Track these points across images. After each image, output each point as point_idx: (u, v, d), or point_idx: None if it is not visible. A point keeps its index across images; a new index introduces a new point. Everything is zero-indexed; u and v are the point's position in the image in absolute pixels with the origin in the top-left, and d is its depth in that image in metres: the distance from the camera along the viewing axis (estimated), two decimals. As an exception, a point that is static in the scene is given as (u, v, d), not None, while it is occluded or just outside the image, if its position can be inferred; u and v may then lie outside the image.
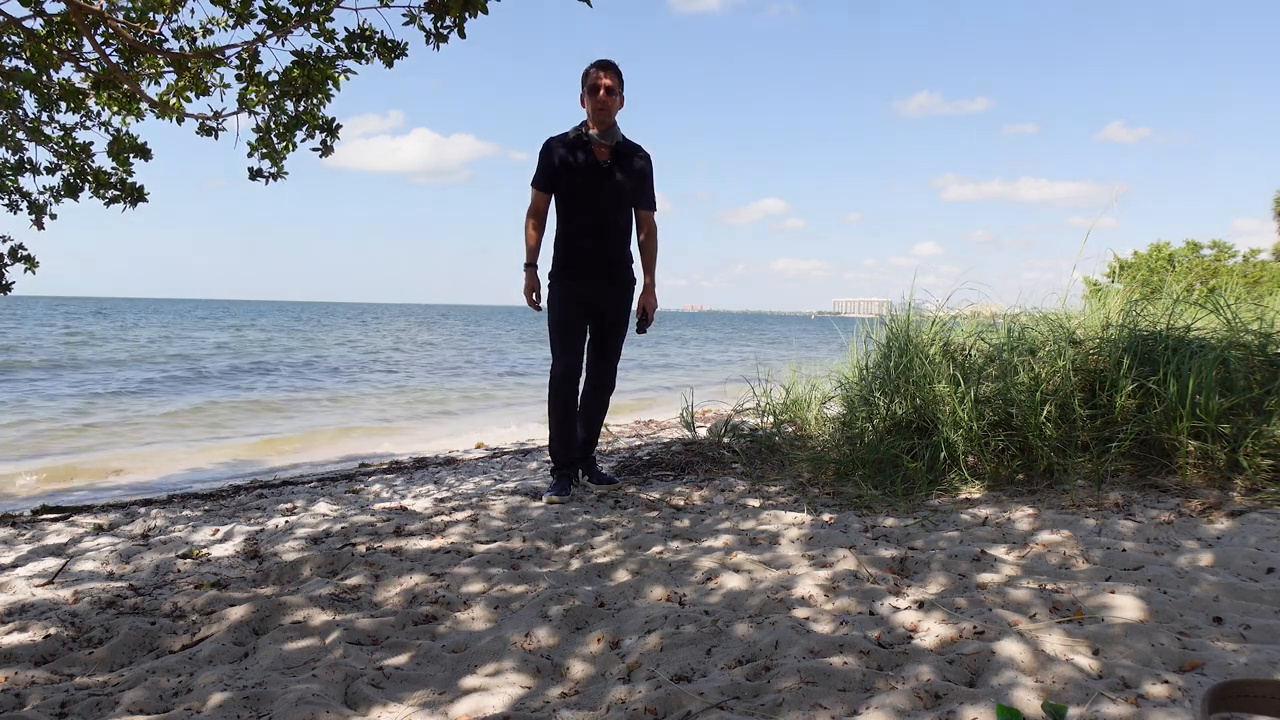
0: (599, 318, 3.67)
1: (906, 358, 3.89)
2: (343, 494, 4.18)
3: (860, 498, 3.27)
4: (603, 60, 3.55)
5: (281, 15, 3.20)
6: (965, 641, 1.74)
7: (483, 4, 3.09)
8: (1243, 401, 3.17)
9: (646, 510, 3.28)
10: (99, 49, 3.15)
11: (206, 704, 1.58)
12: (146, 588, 2.45)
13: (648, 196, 3.74)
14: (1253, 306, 4.68)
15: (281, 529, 3.20)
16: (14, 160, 3.93)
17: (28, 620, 2.10)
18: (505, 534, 2.91)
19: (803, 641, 1.74)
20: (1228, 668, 1.53)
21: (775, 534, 2.75)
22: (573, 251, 3.60)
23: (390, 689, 1.69)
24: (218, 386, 12.40)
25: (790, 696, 1.49)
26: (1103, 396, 3.41)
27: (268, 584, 2.49)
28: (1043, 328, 4.03)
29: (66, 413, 9.01)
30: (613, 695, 1.58)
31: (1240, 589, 1.96)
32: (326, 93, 3.64)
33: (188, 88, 3.68)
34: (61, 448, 6.97)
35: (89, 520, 3.64)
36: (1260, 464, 2.99)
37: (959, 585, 2.13)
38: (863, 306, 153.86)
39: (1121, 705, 1.40)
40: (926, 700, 1.47)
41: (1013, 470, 3.34)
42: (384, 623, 2.04)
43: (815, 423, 4.68)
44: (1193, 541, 2.39)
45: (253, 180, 3.89)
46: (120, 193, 3.97)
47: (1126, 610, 1.85)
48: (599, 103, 3.52)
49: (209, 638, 1.99)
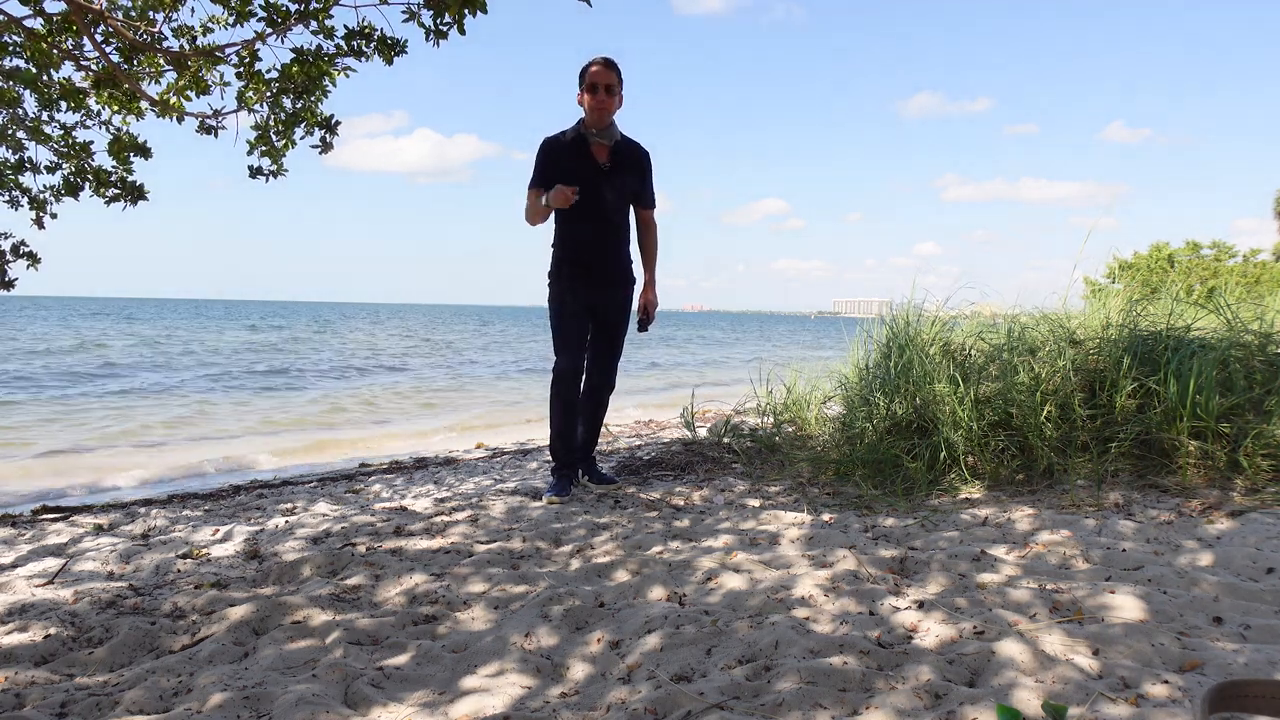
0: (599, 318, 3.66)
1: (906, 357, 3.89)
2: (343, 494, 4.18)
3: (860, 498, 3.27)
4: (601, 57, 3.46)
5: (281, 13, 3.21)
6: (965, 641, 1.74)
7: (482, 2, 3.10)
8: (1243, 401, 3.17)
9: (646, 510, 3.28)
10: (99, 48, 3.15)
11: (206, 704, 1.58)
12: (146, 588, 2.45)
13: (647, 195, 3.71)
14: (1253, 306, 4.67)
15: (281, 529, 3.20)
16: (14, 159, 3.93)
17: (28, 620, 2.10)
18: (505, 534, 2.91)
19: (803, 641, 1.74)
20: (1228, 668, 1.53)
21: (775, 534, 2.75)
22: (572, 252, 3.58)
23: (390, 689, 1.69)
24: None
25: (790, 696, 1.49)
26: (1103, 396, 3.41)
27: (268, 584, 2.49)
28: (1043, 328, 4.03)
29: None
30: (613, 695, 1.58)
31: (1240, 589, 1.96)
32: (324, 89, 3.64)
33: (188, 86, 3.68)
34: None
35: (89, 520, 3.64)
36: (1260, 464, 2.99)
37: (959, 585, 2.13)
38: (863, 306, 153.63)
39: (1121, 705, 1.40)
40: (926, 700, 1.47)
41: (1013, 470, 3.33)
42: (384, 623, 2.04)
43: (815, 423, 4.68)
44: (1193, 541, 2.39)
45: (253, 178, 3.89)
46: (120, 191, 3.97)
47: (1126, 610, 1.85)
48: (598, 101, 3.44)
49: (209, 638, 1.99)
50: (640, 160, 3.64)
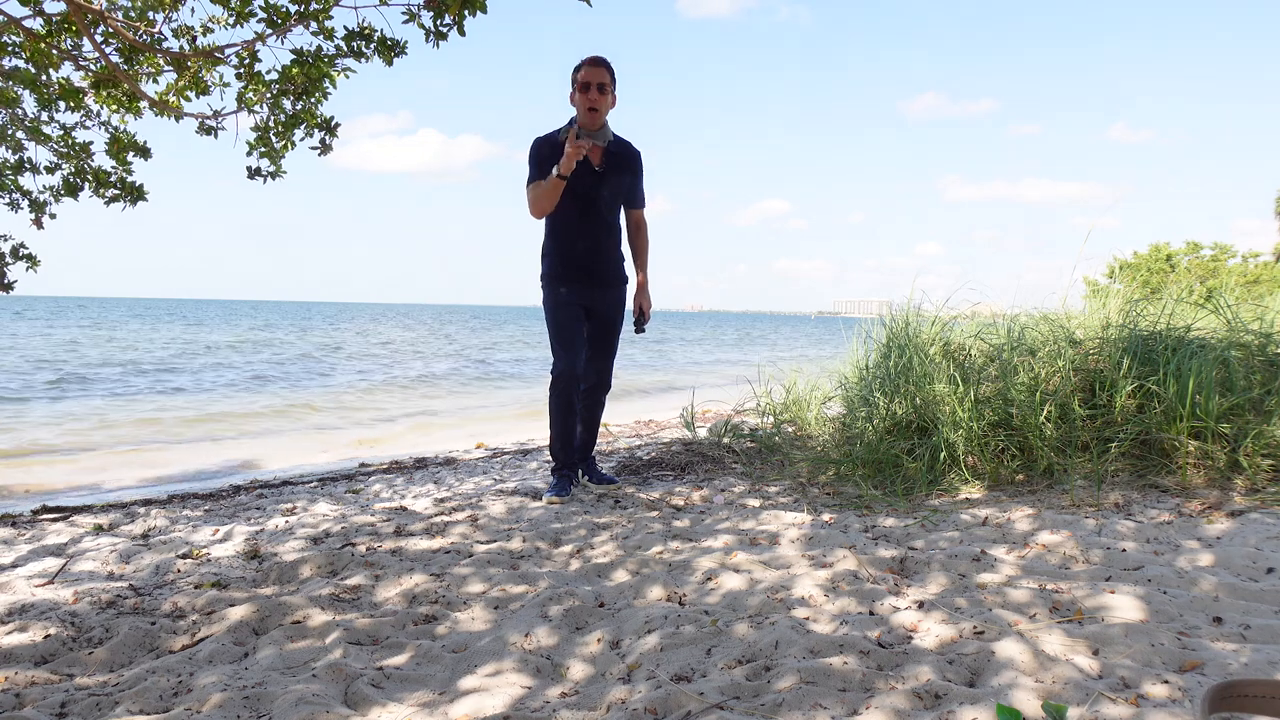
0: (594, 318, 3.65)
1: (906, 358, 3.89)
2: (343, 494, 4.18)
3: (860, 498, 3.27)
4: (593, 56, 3.39)
5: (281, 14, 3.21)
6: (965, 641, 1.74)
7: (482, 3, 3.09)
8: (1243, 401, 3.17)
9: (646, 510, 3.28)
10: (98, 48, 3.15)
11: (206, 704, 1.58)
12: (146, 588, 2.45)
13: (638, 196, 3.69)
14: (1253, 306, 4.68)
15: (281, 529, 3.20)
16: (14, 160, 3.93)
17: (28, 620, 2.10)
18: (505, 534, 2.91)
19: (802, 641, 1.74)
20: (1228, 668, 1.53)
21: (775, 534, 2.75)
22: (565, 254, 3.56)
23: (390, 689, 1.69)
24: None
25: (790, 696, 1.49)
26: (1103, 396, 3.41)
27: (268, 584, 2.49)
28: (1043, 328, 4.03)
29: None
30: (612, 695, 1.58)
31: (1240, 589, 1.96)
32: (324, 90, 3.64)
33: (188, 87, 3.68)
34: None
35: (89, 520, 3.64)
36: (1260, 464, 2.99)
37: (959, 585, 2.13)
38: (863, 306, 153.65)
39: (1121, 705, 1.40)
40: (926, 700, 1.47)
41: (1012, 470, 3.33)
42: (384, 623, 2.04)
43: (815, 423, 4.68)
44: (1193, 541, 2.39)
45: (251, 179, 3.89)
46: (120, 192, 3.97)
47: (1126, 610, 1.85)
48: (590, 101, 3.38)
49: (209, 638, 1.99)
50: (633, 161, 3.60)
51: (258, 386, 12.54)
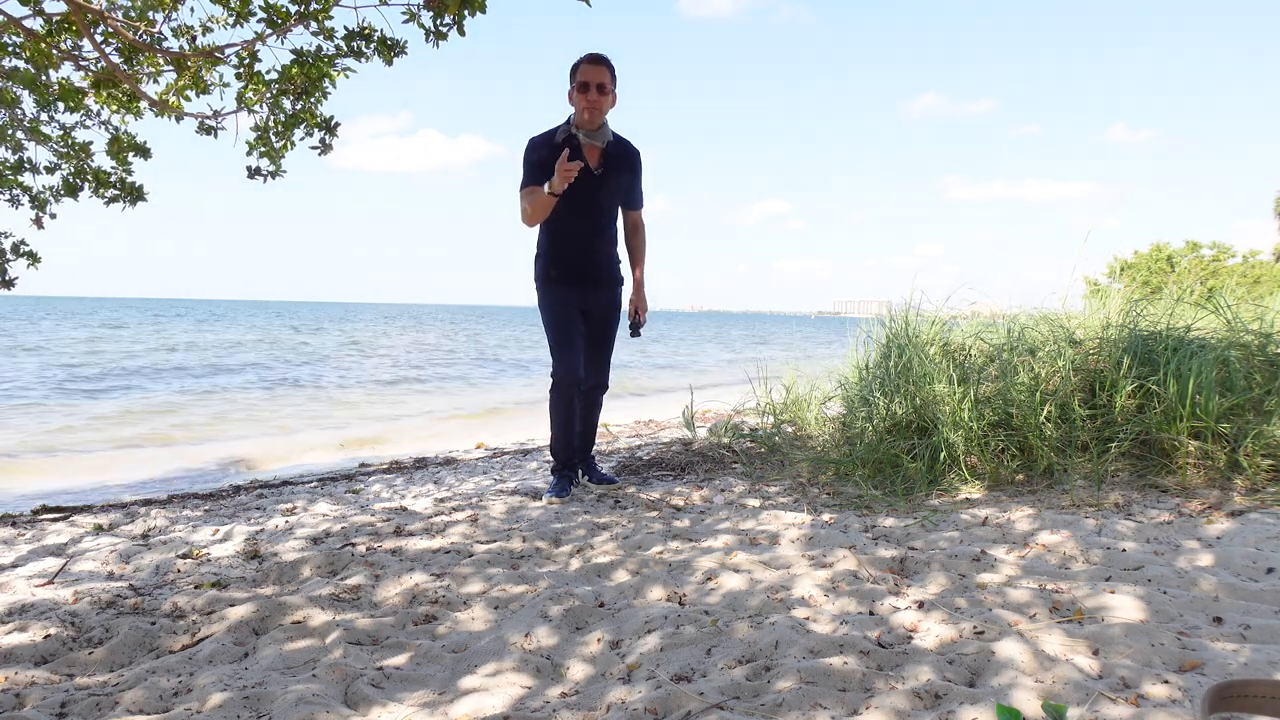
0: (590, 320, 3.62)
1: (906, 357, 3.89)
2: (343, 494, 4.18)
3: (860, 498, 3.27)
4: (593, 54, 3.33)
5: (281, 14, 3.21)
6: (965, 642, 1.74)
7: (481, 3, 3.10)
8: (1243, 401, 3.17)
9: (646, 510, 3.28)
10: (98, 48, 3.15)
11: (206, 704, 1.58)
12: (146, 588, 2.45)
13: (637, 196, 3.65)
14: (1253, 306, 4.67)
15: (281, 529, 3.20)
16: (14, 160, 3.93)
17: (28, 620, 2.10)
18: (505, 534, 2.91)
19: (803, 641, 1.74)
20: (1228, 668, 1.53)
21: (775, 534, 2.75)
22: (561, 256, 3.53)
23: (390, 689, 1.69)
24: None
25: (790, 696, 1.49)
26: (1103, 396, 3.41)
27: (268, 584, 2.49)
28: (1043, 328, 4.03)
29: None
30: (612, 695, 1.58)
31: (1240, 589, 1.96)
32: (324, 90, 3.64)
33: (187, 86, 3.68)
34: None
35: (89, 520, 3.64)
36: (1260, 464, 2.99)
37: (959, 585, 2.13)
38: (863, 306, 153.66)
39: (1121, 705, 1.40)
40: (926, 700, 1.47)
41: (1013, 470, 3.33)
42: (384, 623, 2.04)
43: (815, 423, 4.68)
44: (1193, 541, 2.39)
45: (251, 179, 3.89)
46: (120, 192, 3.98)
47: (1126, 610, 1.85)
48: (590, 100, 3.32)
49: (209, 638, 1.99)
50: (632, 161, 3.55)
51: (257, 386, 12.55)
